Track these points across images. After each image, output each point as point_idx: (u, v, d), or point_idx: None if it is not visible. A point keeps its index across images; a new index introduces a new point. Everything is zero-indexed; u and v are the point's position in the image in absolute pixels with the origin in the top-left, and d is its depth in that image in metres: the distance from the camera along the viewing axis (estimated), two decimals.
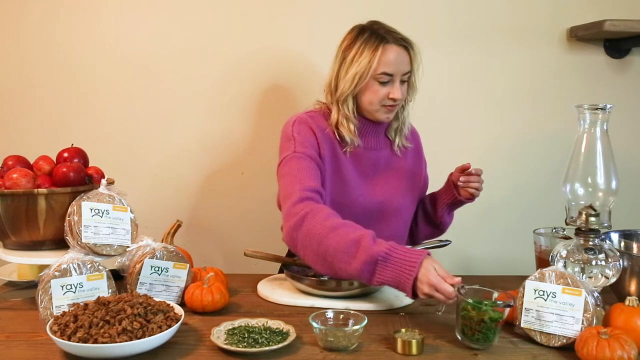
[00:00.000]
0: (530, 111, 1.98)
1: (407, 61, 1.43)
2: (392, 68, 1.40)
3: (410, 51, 1.43)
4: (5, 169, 1.38)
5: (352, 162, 1.49)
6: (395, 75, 1.41)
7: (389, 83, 1.42)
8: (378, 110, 1.45)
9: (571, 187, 1.16)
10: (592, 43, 1.95)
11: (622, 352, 0.96)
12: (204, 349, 1.07)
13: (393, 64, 1.40)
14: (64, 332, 1.03)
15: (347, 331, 1.06)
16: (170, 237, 1.47)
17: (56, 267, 1.21)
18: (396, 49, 1.41)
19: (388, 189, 1.53)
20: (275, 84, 1.96)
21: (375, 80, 1.41)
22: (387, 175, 1.54)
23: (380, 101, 1.43)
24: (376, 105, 1.44)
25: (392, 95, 1.42)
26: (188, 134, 2.00)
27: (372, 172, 1.52)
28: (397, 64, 1.40)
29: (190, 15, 1.96)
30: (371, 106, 1.45)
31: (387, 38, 1.41)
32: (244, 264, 1.63)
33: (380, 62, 1.39)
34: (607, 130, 1.15)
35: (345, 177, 1.47)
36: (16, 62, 1.99)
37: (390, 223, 1.53)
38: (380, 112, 1.46)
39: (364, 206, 1.48)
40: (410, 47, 1.43)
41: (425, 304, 1.33)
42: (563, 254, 1.15)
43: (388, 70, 1.40)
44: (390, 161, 1.56)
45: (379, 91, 1.42)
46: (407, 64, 1.43)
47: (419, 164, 1.63)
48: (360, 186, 1.49)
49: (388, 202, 1.52)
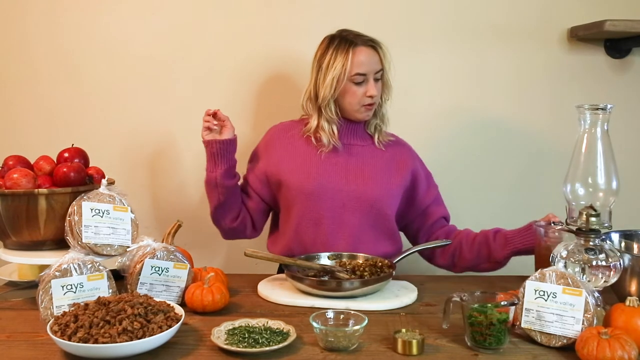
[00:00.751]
0: (531, 111, 1.98)
1: (377, 60, 1.55)
2: (365, 68, 1.53)
3: (379, 50, 1.56)
4: (5, 169, 1.38)
5: (329, 158, 1.59)
6: (368, 74, 1.53)
7: (363, 83, 1.54)
8: (358, 110, 1.57)
9: (572, 187, 1.15)
10: (593, 43, 1.95)
11: (623, 353, 0.95)
12: (204, 349, 1.07)
13: (365, 64, 1.52)
14: (65, 332, 1.03)
15: (347, 331, 1.06)
16: (171, 237, 1.47)
17: (57, 267, 1.21)
18: (365, 50, 1.53)
19: (362, 180, 1.57)
20: (276, 85, 1.96)
21: (351, 82, 1.53)
22: (363, 168, 1.60)
23: (359, 101, 1.55)
24: (356, 105, 1.56)
25: (368, 93, 1.54)
26: (189, 134, 2.00)
27: (346, 163, 1.59)
28: (368, 64, 1.53)
29: (191, 16, 1.96)
30: (352, 107, 1.57)
31: (355, 42, 1.54)
32: (244, 264, 1.63)
33: (353, 64, 1.52)
34: (607, 130, 1.15)
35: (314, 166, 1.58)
36: (17, 62, 1.99)
37: (363, 214, 1.56)
38: (360, 111, 1.58)
39: (332, 193, 1.56)
40: (379, 47, 1.56)
41: (426, 304, 1.33)
42: (563, 254, 1.15)
43: (361, 70, 1.52)
44: (369, 154, 1.62)
45: (357, 92, 1.54)
46: (378, 62, 1.55)
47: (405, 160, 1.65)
48: (331, 174, 1.57)
49: (360, 191, 1.57)
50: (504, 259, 1.55)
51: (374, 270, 1.43)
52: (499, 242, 1.55)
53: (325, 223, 1.56)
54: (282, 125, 1.69)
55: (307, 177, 1.57)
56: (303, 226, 1.57)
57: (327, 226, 1.56)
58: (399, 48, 1.94)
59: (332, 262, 1.50)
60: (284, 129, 1.67)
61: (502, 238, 1.55)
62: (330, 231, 1.55)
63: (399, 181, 1.61)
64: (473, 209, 1.99)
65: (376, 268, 1.44)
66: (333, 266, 1.47)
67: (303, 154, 1.60)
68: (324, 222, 1.56)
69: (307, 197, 1.55)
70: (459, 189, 1.95)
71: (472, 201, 1.99)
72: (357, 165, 1.60)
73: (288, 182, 1.58)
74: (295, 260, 1.44)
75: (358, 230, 1.57)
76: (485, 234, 1.59)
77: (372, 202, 1.57)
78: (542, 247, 1.41)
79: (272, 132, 1.69)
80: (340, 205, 1.56)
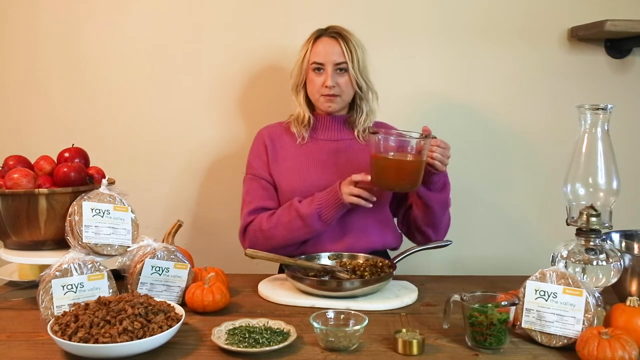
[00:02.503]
0: (531, 111, 1.98)
1: (338, 51, 1.55)
2: (321, 57, 1.56)
3: (341, 42, 1.55)
4: (6, 169, 1.38)
5: (313, 153, 1.61)
6: (326, 65, 1.55)
7: (322, 72, 1.56)
8: (318, 99, 1.60)
9: (572, 187, 1.16)
10: (593, 43, 1.95)
11: (623, 353, 0.95)
12: (204, 349, 1.07)
13: (322, 54, 1.56)
14: (65, 332, 1.03)
15: (347, 331, 1.06)
16: (171, 237, 1.47)
17: (57, 267, 1.21)
18: (326, 40, 1.57)
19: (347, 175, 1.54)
20: (275, 85, 1.96)
21: (311, 70, 1.57)
22: (350, 163, 1.61)
23: (318, 90, 1.58)
24: (316, 94, 1.59)
25: (324, 84, 1.55)
26: (189, 134, 2.00)
27: (332, 161, 1.61)
28: (326, 54, 1.55)
29: (191, 16, 1.96)
30: (312, 96, 1.61)
31: (322, 33, 1.58)
32: (244, 264, 1.63)
33: (312, 53, 1.57)
34: (608, 130, 1.15)
35: (303, 166, 1.59)
36: (17, 62, 1.99)
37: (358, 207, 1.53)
38: (320, 101, 1.59)
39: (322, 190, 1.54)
40: (342, 38, 1.56)
41: (427, 304, 1.34)
42: (564, 254, 1.15)
43: (317, 59, 1.56)
44: (354, 151, 1.63)
45: (315, 80, 1.57)
46: (339, 54, 1.55)
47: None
48: (319, 174, 1.59)
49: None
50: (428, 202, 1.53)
51: (375, 270, 1.43)
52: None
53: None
54: (267, 127, 1.70)
55: (297, 179, 1.58)
56: None
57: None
58: (397, 48, 1.95)
59: (332, 262, 1.50)
60: (269, 129, 1.69)
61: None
62: (331, 229, 1.55)
63: None
64: (473, 208, 1.99)
65: (376, 268, 1.44)
66: (333, 266, 1.46)
67: (288, 152, 1.62)
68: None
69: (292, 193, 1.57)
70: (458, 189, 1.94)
71: (471, 201, 1.99)
72: (346, 160, 1.61)
73: (280, 184, 1.60)
74: (296, 260, 1.44)
75: (353, 223, 1.57)
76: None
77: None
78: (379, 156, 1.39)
79: (258, 135, 1.69)
80: None
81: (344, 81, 1.57)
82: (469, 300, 1.09)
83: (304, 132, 1.62)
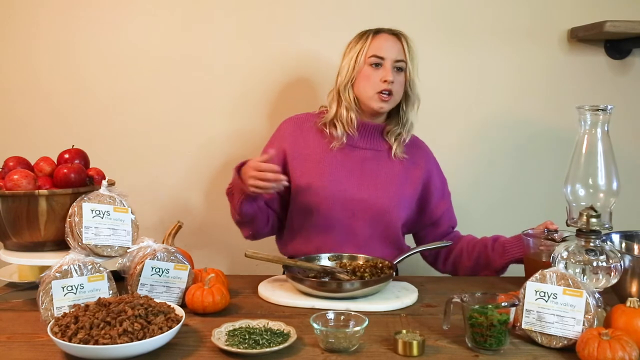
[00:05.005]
0: (531, 112, 1.98)
1: (398, 49, 1.50)
2: (383, 52, 1.49)
3: (403, 40, 1.51)
4: (6, 170, 1.38)
5: (340, 157, 1.55)
6: (386, 60, 1.49)
7: (380, 67, 1.49)
8: (372, 97, 1.51)
9: (572, 188, 1.15)
10: (593, 44, 1.95)
11: (624, 354, 0.95)
12: (204, 350, 1.07)
13: (383, 48, 1.50)
14: (65, 333, 1.03)
15: (348, 332, 1.06)
16: (171, 238, 1.47)
17: (57, 268, 1.21)
18: (387, 36, 1.52)
19: (375, 190, 1.54)
20: (276, 85, 1.96)
21: (368, 65, 1.50)
22: (376, 176, 1.56)
23: (373, 86, 1.49)
24: (370, 91, 1.50)
25: (384, 78, 1.47)
26: (189, 135, 2.00)
27: (360, 170, 1.56)
28: (387, 48, 1.50)
29: (191, 16, 1.96)
30: (366, 93, 1.51)
31: (379, 30, 1.53)
32: (244, 265, 1.63)
33: (371, 47, 1.50)
34: (608, 131, 1.15)
35: (327, 171, 1.54)
36: (17, 63, 1.99)
37: (372, 223, 1.55)
38: (374, 99, 1.51)
39: (343, 201, 1.53)
40: (403, 38, 1.51)
41: (427, 305, 1.33)
42: (564, 255, 1.15)
43: (378, 53, 1.49)
44: (382, 163, 1.57)
45: (371, 75, 1.50)
46: (400, 52, 1.51)
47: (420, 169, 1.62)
48: (344, 181, 1.54)
49: (372, 201, 1.54)
50: (501, 268, 1.56)
51: (375, 271, 1.43)
52: (497, 251, 1.55)
53: (335, 231, 1.56)
54: (295, 117, 1.65)
55: (318, 180, 1.54)
56: (313, 232, 1.57)
57: (337, 234, 1.56)
58: None
59: (332, 263, 1.49)
60: (297, 121, 1.63)
61: (500, 246, 1.55)
62: (340, 239, 1.55)
63: (412, 192, 1.60)
64: (473, 209, 1.99)
65: (376, 269, 1.44)
66: (333, 267, 1.46)
67: (314, 151, 1.57)
68: (334, 230, 1.56)
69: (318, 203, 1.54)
70: (458, 189, 1.94)
71: (472, 201, 1.99)
72: (372, 172, 1.56)
73: (299, 183, 1.55)
74: (296, 262, 1.44)
75: (367, 239, 1.56)
76: (484, 243, 1.59)
77: (383, 213, 1.55)
78: (529, 256, 1.42)
79: (283, 124, 1.64)
80: (350, 215, 1.55)
81: (399, 81, 1.52)
82: (469, 301, 1.09)
83: (344, 136, 1.55)
